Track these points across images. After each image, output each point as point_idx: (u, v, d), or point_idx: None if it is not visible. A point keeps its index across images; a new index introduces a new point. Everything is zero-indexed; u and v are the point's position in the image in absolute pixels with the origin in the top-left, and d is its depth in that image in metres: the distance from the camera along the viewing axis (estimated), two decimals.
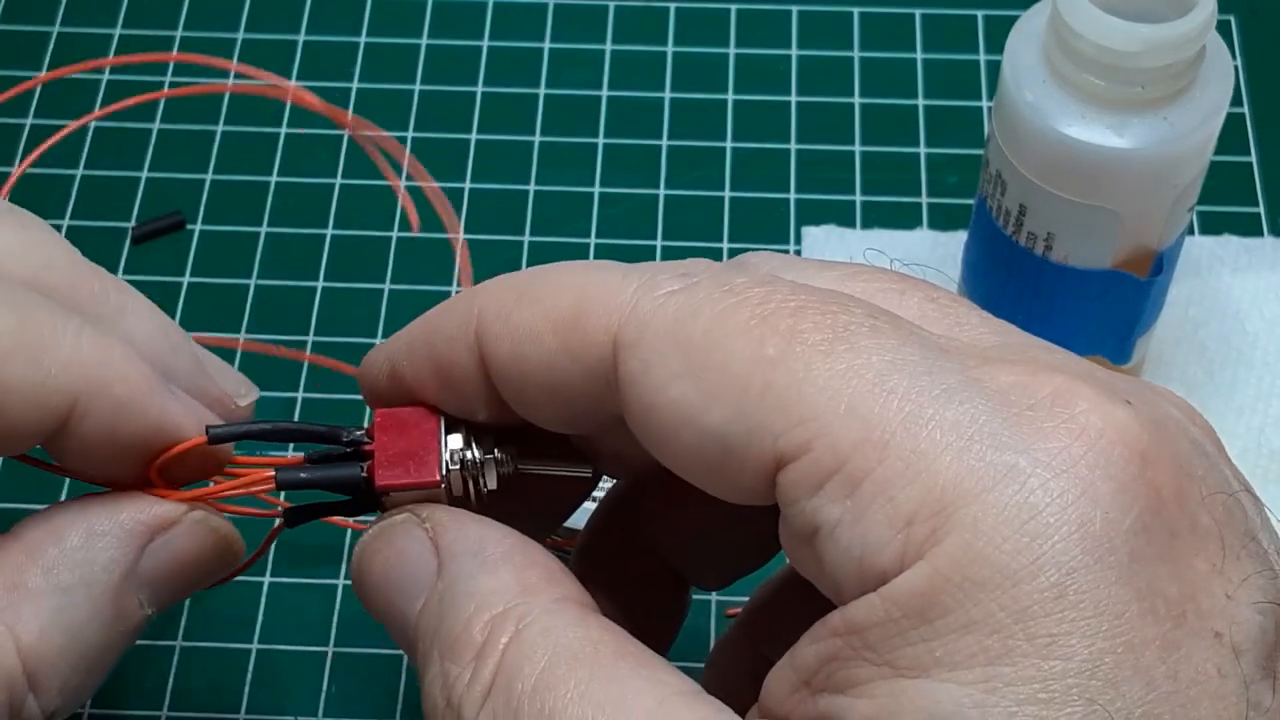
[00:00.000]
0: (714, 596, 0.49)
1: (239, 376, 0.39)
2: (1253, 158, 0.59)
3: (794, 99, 0.60)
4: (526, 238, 0.57)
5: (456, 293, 0.56)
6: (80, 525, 0.34)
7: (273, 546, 0.50)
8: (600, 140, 0.59)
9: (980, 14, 0.63)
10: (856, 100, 0.60)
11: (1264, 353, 0.53)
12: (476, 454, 0.35)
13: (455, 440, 0.35)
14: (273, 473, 0.35)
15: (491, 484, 0.35)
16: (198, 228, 0.57)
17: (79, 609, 0.33)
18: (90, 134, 0.59)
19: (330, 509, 0.37)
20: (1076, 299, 0.47)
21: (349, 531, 0.50)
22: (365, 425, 0.35)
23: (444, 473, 0.35)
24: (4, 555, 0.33)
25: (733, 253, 0.56)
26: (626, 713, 0.27)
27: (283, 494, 0.44)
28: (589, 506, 0.41)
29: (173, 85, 0.61)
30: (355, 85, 0.61)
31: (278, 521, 0.37)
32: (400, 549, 0.33)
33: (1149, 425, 0.27)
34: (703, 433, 0.28)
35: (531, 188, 0.58)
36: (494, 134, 0.59)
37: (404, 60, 0.61)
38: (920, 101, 0.60)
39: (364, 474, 0.35)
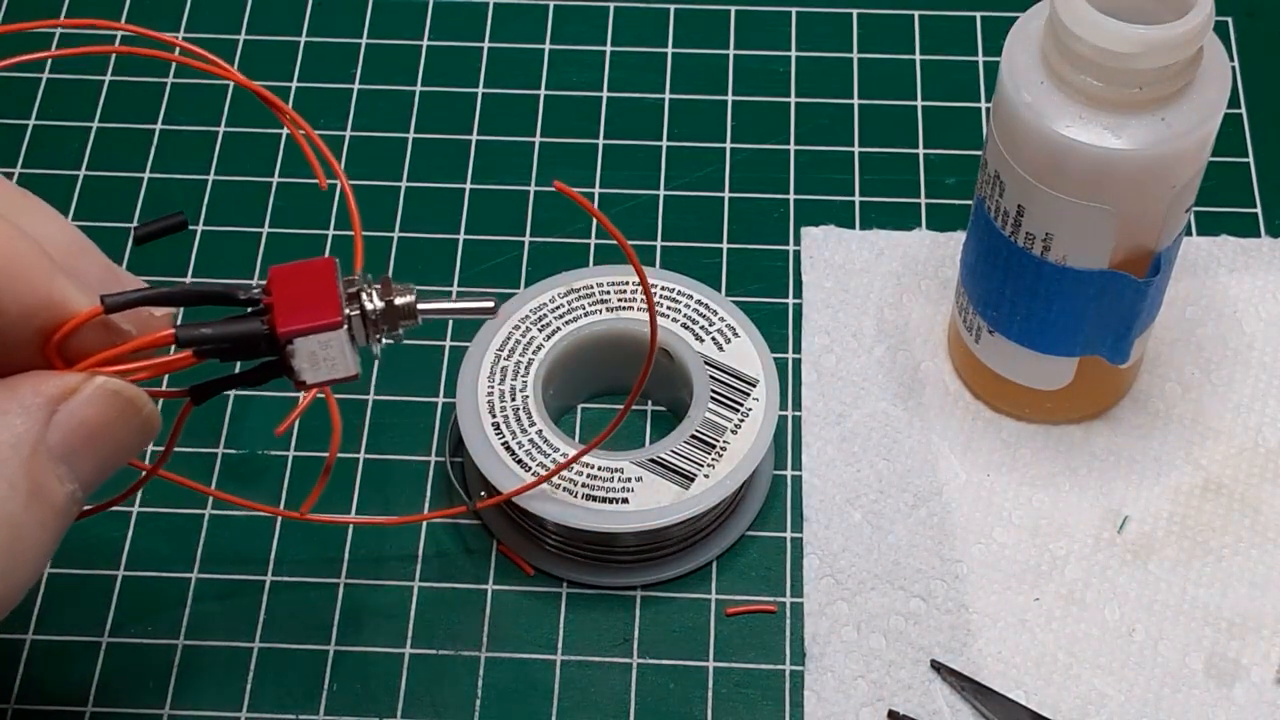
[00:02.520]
0: (714, 596, 0.49)
1: None
2: (1250, 159, 0.59)
3: (793, 99, 0.61)
4: (527, 238, 0.57)
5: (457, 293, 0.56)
6: None
7: (274, 545, 0.50)
8: (600, 140, 0.60)
9: (978, 15, 0.63)
10: (855, 101, 0.60)
11: (1260, 353, 0.54)
12: (377, 300, 0.36)
13: (351, 285, 0.36)
14: (173, 331, 0.35)
15: (391, 327, 0.36)
16: (199, 228, 0.57)
17: None
18: (93, 135, 0.60)
19: (236, 381, 0.37)
20: (1074, 299, 0.47)
21: (349, 529, 0.50)
22: (261, 283, 0.36)
23: (345, 312, 0.35)
24: None
25: (732, 253, 0.56)
26: None
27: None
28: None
29: (175, 84, 0.61)
30: (356, 87, 0.61)
31: (186, 401, 0.38)
32: None
33: None
34: None
35: (532, 188, 0.58)
36: (494, 134, 0.60)
37: (405, 61, 0.62)
38: (919, 102, 0.60)
39: (265, 327, 0.35)
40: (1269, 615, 0.49)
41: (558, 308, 0.51)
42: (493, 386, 0.49)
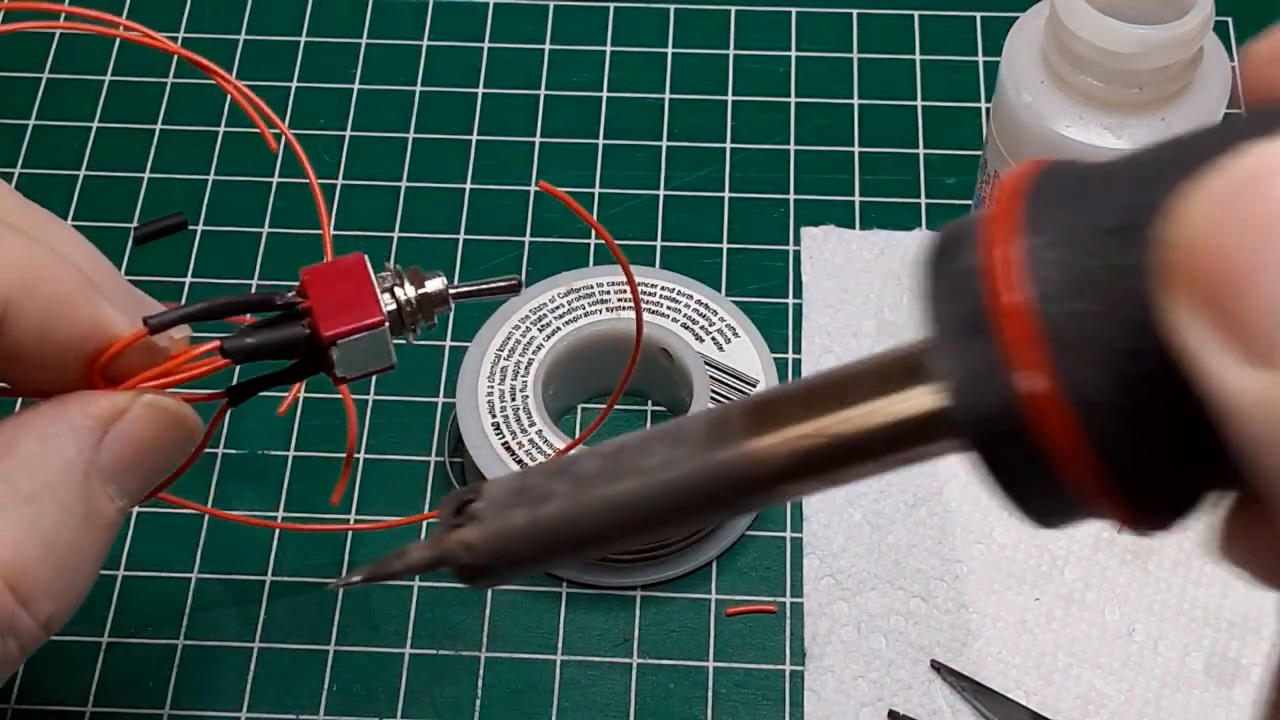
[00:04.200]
0: (713, 596, 0.49)
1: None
2: None
3: (793, 100, 0.61)
4: (527, 238, 0.57)
5: None
6: (31, 432, 0.34)
7: (274, 545, 0.50)
8: (600, 140, 0.60)
9: (978, 16, 0.63)
10: (855, 101, 0.60)
11: None
12: (410, 290, 0.36)
13: (386, 279, 0.36)
14: (219, 343, 0.35)
15: (426, 315, 0.37)
16: (199, 228, 0.57)
17: (48, 514, 0.33)
18: (92, 135, 0.60)
19: (272, 380, 0.37)
20: None
21: (349, 532, 0.50)
22: (295, 285, 0.36)
23: (385, 310, 0.36)
24: None
25: (732, 253, 0.56)
26: None
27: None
28: None
29: (174, 84, 0.61)
30: (356, 87, 0.61)
31: (224, 401, 0.38)
32: None
33: None
34: None
35: (532, 188, 0.58)
36: (494, 134, 0.60)
37: (405, 61, 0.62)
38: (919, 103, 0.60)
39: (307, 330, 0.35)
40: (1269, 615, 0.49)
41: (558, 308, 0.51)
42: (493, 386, 0.50)
